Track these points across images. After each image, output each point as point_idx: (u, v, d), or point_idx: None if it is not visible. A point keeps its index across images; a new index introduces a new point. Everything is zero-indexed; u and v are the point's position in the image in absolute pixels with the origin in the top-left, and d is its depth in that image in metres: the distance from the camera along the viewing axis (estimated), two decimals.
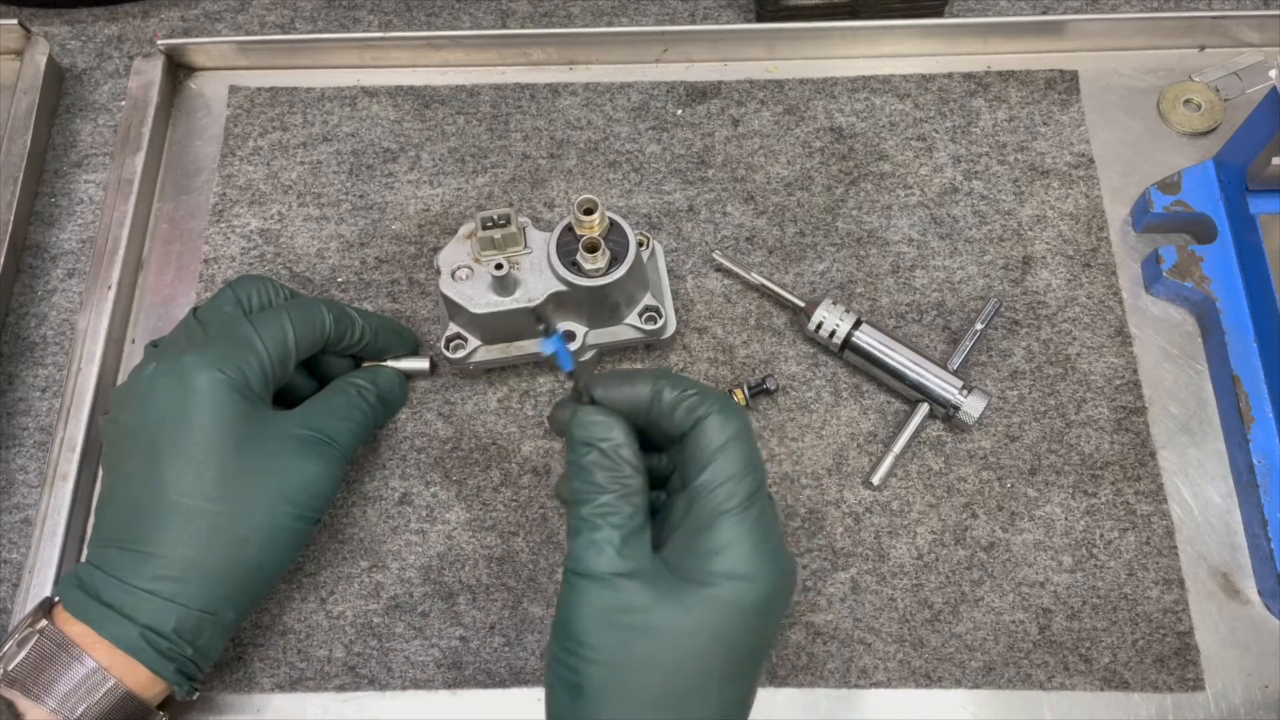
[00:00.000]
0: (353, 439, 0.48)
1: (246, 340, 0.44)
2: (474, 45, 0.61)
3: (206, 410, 0.42)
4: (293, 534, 0.44)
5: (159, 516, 0.42)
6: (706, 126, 0.60)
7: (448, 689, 0.48)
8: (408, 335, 0.53)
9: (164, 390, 0.43)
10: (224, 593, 0.42)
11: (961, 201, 0.58)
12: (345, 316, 0.49)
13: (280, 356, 0.45)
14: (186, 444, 0.42)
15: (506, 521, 0.51)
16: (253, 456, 0.43)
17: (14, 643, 0.41)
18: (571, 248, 0.48)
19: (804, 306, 0.52)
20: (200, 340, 0.45)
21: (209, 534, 0.42)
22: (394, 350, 0.52)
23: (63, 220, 0.59)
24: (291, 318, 0.46)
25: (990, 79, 0.61)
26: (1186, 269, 0.54)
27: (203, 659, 0.43)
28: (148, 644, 0.41)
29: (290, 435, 0.45)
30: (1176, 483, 0.52)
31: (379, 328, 0.51)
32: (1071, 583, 0.50)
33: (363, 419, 0.49)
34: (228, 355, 0.44)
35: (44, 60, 0.60)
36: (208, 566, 0.42)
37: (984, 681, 0.48)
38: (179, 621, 0.41)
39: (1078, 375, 0.54)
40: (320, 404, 0.48)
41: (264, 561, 0.44)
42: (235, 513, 0.42)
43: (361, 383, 0.50)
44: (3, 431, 0.54)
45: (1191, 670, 0.48)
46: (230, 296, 0.47)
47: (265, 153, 0.60)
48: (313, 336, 0.47)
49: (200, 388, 0.42)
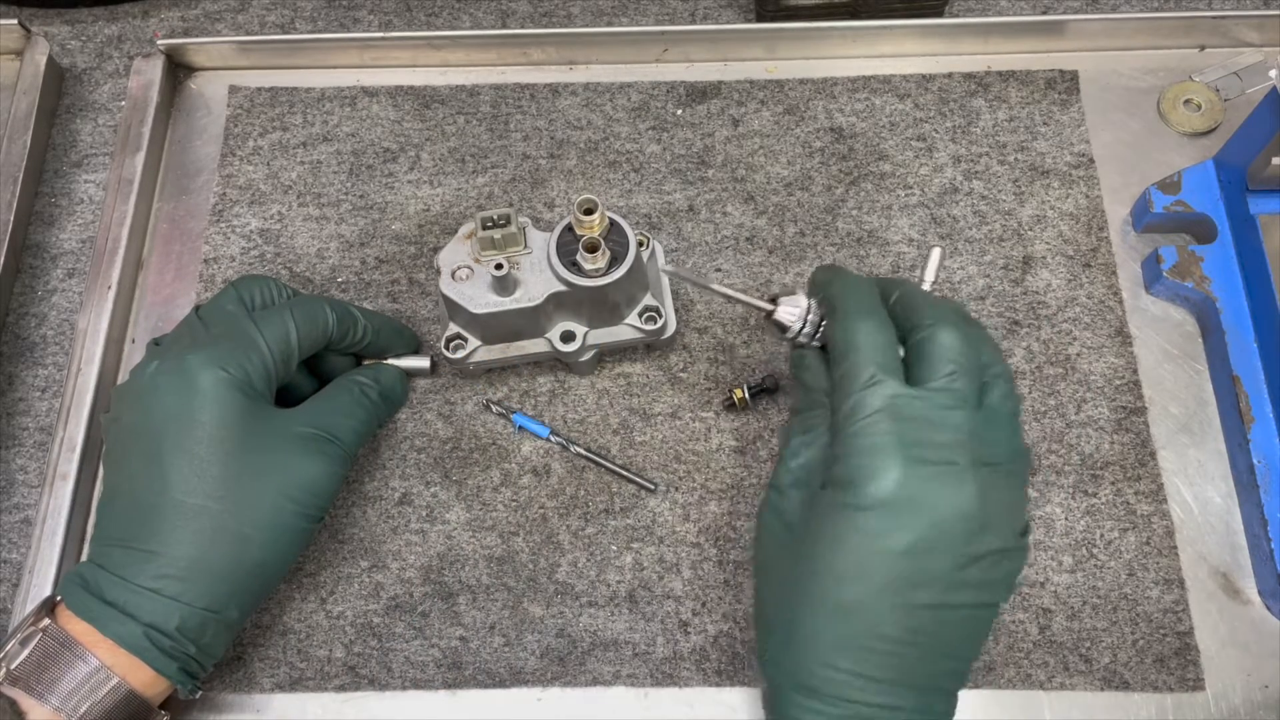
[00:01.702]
0: (356, 437, 0.48)
1: (249, 338, 0.44)
2: (474, 45, 0.61)
3: (209, 409, 0.42)
4: (296, 532, 0.44)
5: (162, 515, 0.42)
6: (706, 126, 0.60)
7: (447, 689, 0.48)
8: (409, 334, 0.53)
9: (167, 388, 0.43)
10: (227, 591, 0.43)
11: (961, 201, 0.58)
12: (348, 315, 0.49)
13: (283, 354, 0.45)
14: (189, 442, 0.42)
15: (506, 521, 0.51)
16: (256, 455, 0.43)
17: (17, 641, 0.41)
18: (571, 248, 0.48)
19: (772, 310, 0.45)
20: (203, 338, 0.45)
21: (212, 532, 0.42)
22: (396, 349, 0.52)
23: (63, 220, 0.59)
24: (295, 316, 0.46)
25: (990, 79, 0.61)
26: (1186, 269, 0.54)
27: (206, 657, 0.43)
28: (151, 643, 0.41)
29: (293, 433, 0.45)
30: (1176, 483, 0.52)
31: (381, 326, 0.51)
32: (1072, 583, 0.50)
33: (366, 417, 0.49)
34: (231, 353, 0.44)
35: (44, 60, 0.60)
36: (211, 565, 0.42)
37: (984, 681, 0.48)
38: (182, 620, 0.41)
39: (1078, 375, 0.54)
40: (323, 402, 0.48)
41: (267, 560, 0.44)
42: (238, 511, 0.42)
43: (364, 380, 0.50)
44: (3, 431, 0.54)
45: (1191, 670, 0.48)
46: (233, 295, 0.47)
47: (265, 153, 0.60)
48: (316, 335, 0.47)
49: (203, 386, 0.43)
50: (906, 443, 0.37)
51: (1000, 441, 0.39)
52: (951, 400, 0.38)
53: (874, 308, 0.41)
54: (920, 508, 0.37)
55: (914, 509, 0.37)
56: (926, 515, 0.37)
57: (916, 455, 0.37)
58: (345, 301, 0.50)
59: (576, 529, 0.51)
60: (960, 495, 0.37)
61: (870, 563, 0.37)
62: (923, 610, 0.37)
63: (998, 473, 0.38)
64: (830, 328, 0.42)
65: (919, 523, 0.37)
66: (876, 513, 0.37)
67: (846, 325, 0.41)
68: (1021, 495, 0.40)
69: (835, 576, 0.38)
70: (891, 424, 0.38)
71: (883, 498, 0.37)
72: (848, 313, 0.41)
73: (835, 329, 0.41)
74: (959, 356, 0.39)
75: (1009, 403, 0.40)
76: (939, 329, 0.40)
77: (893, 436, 0.37)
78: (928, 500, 0.37)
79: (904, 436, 0.37)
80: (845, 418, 0.39)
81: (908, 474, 0.37)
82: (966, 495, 0.37)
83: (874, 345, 0.39)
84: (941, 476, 0.37)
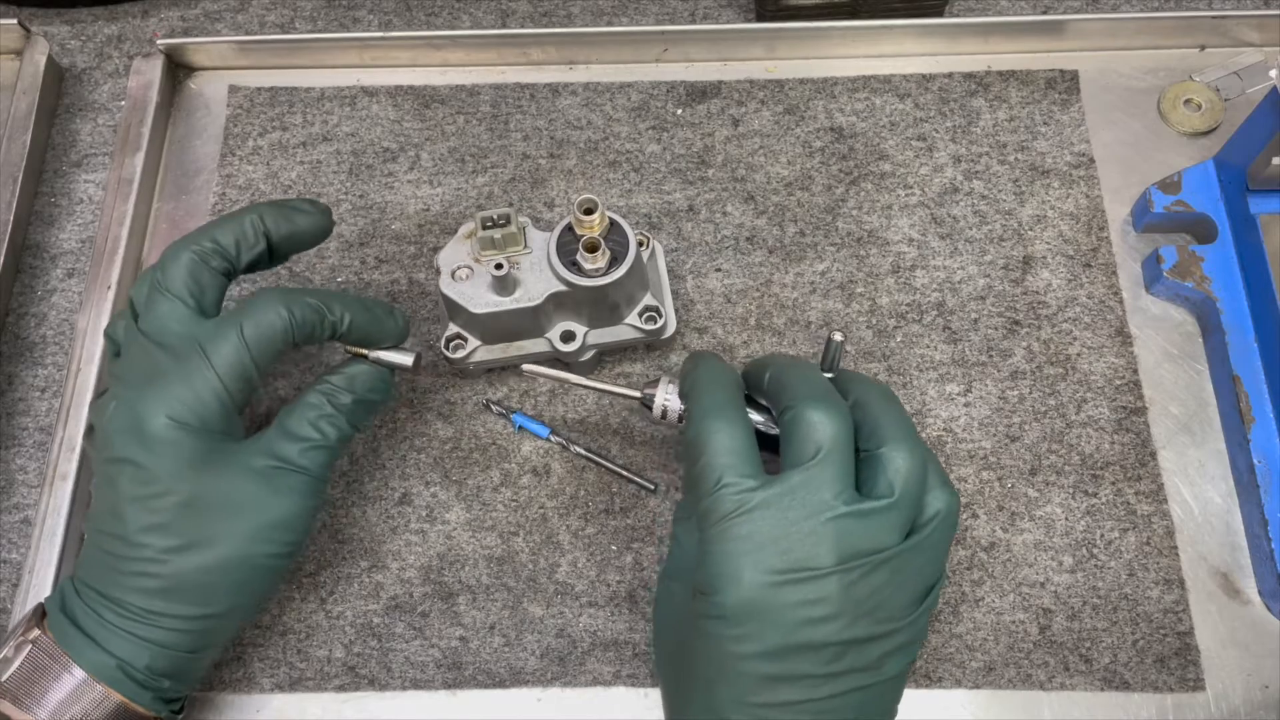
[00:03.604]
0: (326, 458, 0.44)
1: (198, 373, 0.41)
2: (474, 45, 0.61)
3: (162, 461, 0.40)
4: (267, 570, 0.43)
5: (124, 565, 0.41)
6: (706, 126, 0.60)
7: (447, 689, 0.48)
8: (393, 320, 0.46)
9: (120, 434, 0.41)
10: (198, 632, 0.42)
11: (962, 201, 0.58)
12: (310, 311, 0.43)
13: (238, 382, 0.42)
14: (144, 494, 0.40)
15: (506, 521, 0.51)
16: (214, 500, 0.41)
17: (8, 651, 0.40)
18: (571, 248, 0.48)
19: (640, 396, 0.45)
20: (151, 370, 0.41)
21: (175, 584, 0.41)
22: (380, 338, 0.46)
23: (62, 220, 0.59)
24: (245, 332, 0.41)
25: (990, 79, 0.61)
26: (1187, 269, 0.54)
27: (184, 685, 0.43)
28: (125, 675, 0.40)
29: (254, 469, 0.42)
30: (1177, 483, 0.52)
31: (356, 315, 0.45)
32: (1072, 583, 0.50)
33: (337, 434, 0.45)
34: (180, 396, 0.41)
35: (44, 60, 0.60)
36: (174, 614, 0.41)
37: (984, 682, 0.48)
38: (152, 660, 0.41)
39: (1078, 375, 0.54)
40: (290, 421, 0.44)
41: (238, 603, 0.42)
42: (200, 560, 0.41)
43: (336, 385, 0.45)
44: (2, 431, 0.54)
45: (1192, 670, 0.48)
46: (176, 309, 0.42)
47: (265, 152, 0.60)
48: (272, 346, 0.42)
49: (153, 434, 0.40)
50: (757, 549, 0.36)
51: (889, 526, 0.37)
52: (816, 487, 0.37)
53: (726, 403, 0.40)
54: (770, 615, 0.36)
55: (763, 617, 0.36)
56: (779, 622, 0.36)
57: (766, 563, 0.36)
58: (312, 291, 0.44)
59: (576, 529, 0.51)
60: (817, 597, 0.36)
61: (731, 668, 0.37)
62: (798, 706, 0.36)
63: (884, 556, 0.37)
64: (685, 426, 0.41)
65: (773, 631, 0.36)
66: (728, 621, 0.36)
67: (697, 425, 0.39)
68: (927, 557, 0.38)
69: (705, 681, 0.37)
70: (744, 528, 0.36)
71: (733, 608, 0.36)
72: (700, 411, 0.40)
73: (689, 428, 0.40)
74: (824, 438, 0.37)
75: (900, 475, 0.38)
76: (802, 408, 0.38)
77: (742, 543, 0.36)
78: (778, 607, 0.36)
79: (755, 542, 0.36)
80: (700, 521, 0.38)
81: (754, 582, 0.36)
82: (827, 594, 0.36)
83: (723, 447, 0.38)
84: (796, 584, 0.36)
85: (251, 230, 0.45)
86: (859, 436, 0.39)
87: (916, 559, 0.38)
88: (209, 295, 0.43)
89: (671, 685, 0.41)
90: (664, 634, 0.43)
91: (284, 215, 0.46)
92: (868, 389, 0.41)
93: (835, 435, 0.38)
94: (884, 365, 0.54)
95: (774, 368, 0.42)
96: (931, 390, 0.53)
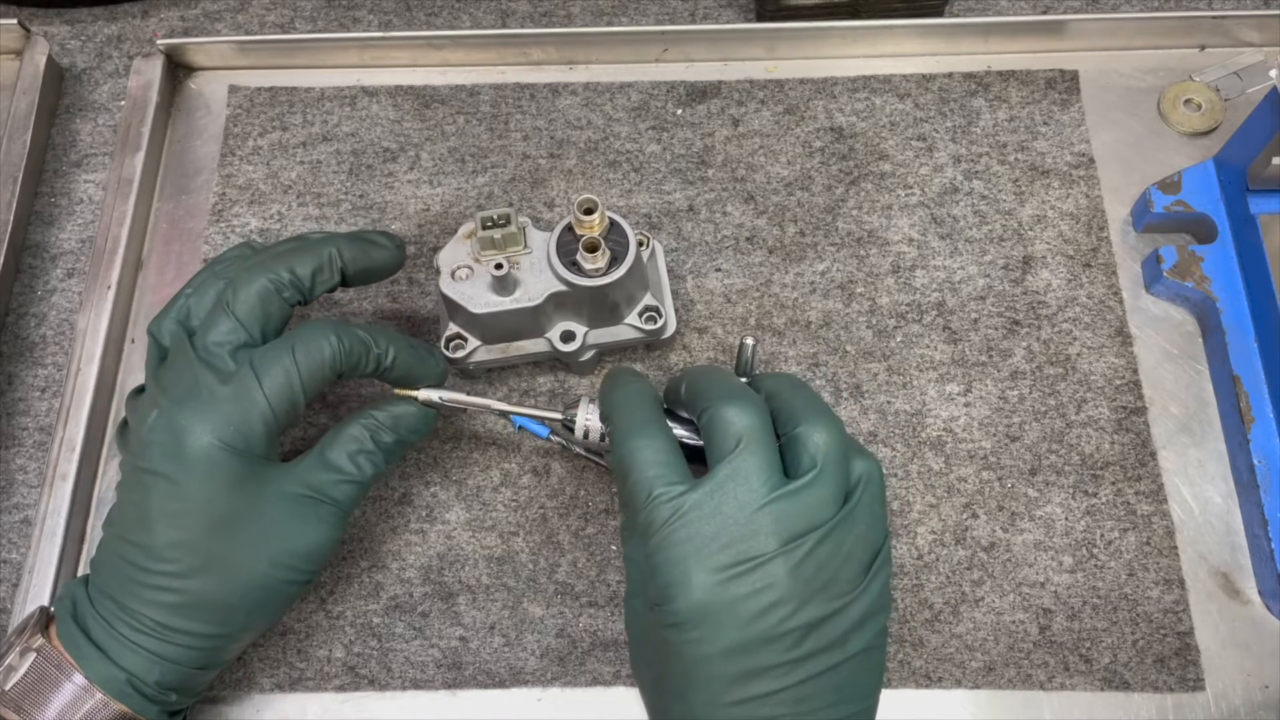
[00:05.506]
0: (359, 492, 0.44)
1: (249, 396, 0.41)
2: (474, 45, 0.61)
3: (198, 481, 0.40)
4: (284, 596, 0.43)
5: (143, 579, 0.40)
6: (706, 126, 0.60)
7: (447, 689, 0.48)
8: (434, 361, 0.47)
9: (159, 448, 0.40)
10: (211, 649, 0.42)
11: (962, 201, 0.58)
12: (358, 342, 0.43)
13: (287, 407, 0.41)
14: (176, 509, 0.40)
15: (506, 521, 0.51)
16: (245, 523, 0.41)
17: (13, 658, 0.40)
18: (571, 248, 0.48)
19: (562, 418, 0.46)
20: (199, 390, 0.41)
21: (195, 602, 0.41)
22: (421, 377, 0.46)
23: (62, 220, 0.59)
24: (297, 357, 0.41)
25: (990, 79, 0.61)
26: (1187, 269, 0.54)
27: (189, 698, 0.43)
28: (133, 689, 0.40)
29: (288, 495, 0.42)
30: (1177, 483, 0.52)
31: (400, 353, 0.45)
32: (1072, 583, 0.50)
33: (373, 471, 0.44)
34: (228, 417, 0.40)
35: (44, 60, 0.60)
36: (191, 632, 0.41)
37: (984, 682, 0.48)
38: (162, 675, 0.41)
39: (1078, 375, 0.54)
40: (331, 452, 0.44)
41: (253, 623, 0.43)
42: (223, 582, 0.41)
43: (380, 422, 0.45)
44: (2, 431, 0.54)
45: (1192, 670, 0.48)
46: (238, 335, 0.42)
47: (265, 152, 0.60)
48: (321, 374, 0.42)
49: (194, 452, 0.40)
50: (700, 549, 0.37)
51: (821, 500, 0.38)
52: (744, 478, 0.37)
53: (647, 419, 0.41)
54: (723, 614, 0.36)
55: (718, 617, 0.36)
56: (733, 618, 0.36)
57: (711, 561, 0.37)
58: (359, 325, 0.44)
59: (576, 529, 0.51)
60: (766, 584, 0.36)
61: (698, 673, 0.37)
62: (773, 697, 0.37)
63: (823, 530, 0.37)
64: (610, 446, 0.42)
65: (730, 629, 0.36)
66: (685, 627, 0.37)
67: (621, 445, 0.40)
68: (865, 523, 0.39)
69: (678, 692, 0.38)
70: (682, 532, 0.37)
71: (686, 613, 0.37)
72: (622, 432, 0.41)
73: (614, 449, 0.41)
74: (743, 429, 0.38)
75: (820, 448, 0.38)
76: (717, 407, 0.39)
77: (684, 547, 0.37)
78: (730, 603, 0.36)
79: (696, 543, 0.37)
80: (642, 536, 0.39)
81: (703, 583, 0.36)
82: (775, 579, 0.36)
83: (648, 461, 0.39)
84: (742, 576, 0.36)
85: (329, 265, 0.45)
86: (777, 424, 0.40)
87: (854, 527, 0.38)
88: (273, 324, 0.44)
89: (652, 701, 0.42)
90: (636, 653, 0.43)
91: (361, 249, 0.46)
92: (778, 380, 0.42)
93: (752, 425, 0.38)
94: (884, 365, 0.54)
95: (689, 378, 0.42)
96: (931, 390, 0.53)
